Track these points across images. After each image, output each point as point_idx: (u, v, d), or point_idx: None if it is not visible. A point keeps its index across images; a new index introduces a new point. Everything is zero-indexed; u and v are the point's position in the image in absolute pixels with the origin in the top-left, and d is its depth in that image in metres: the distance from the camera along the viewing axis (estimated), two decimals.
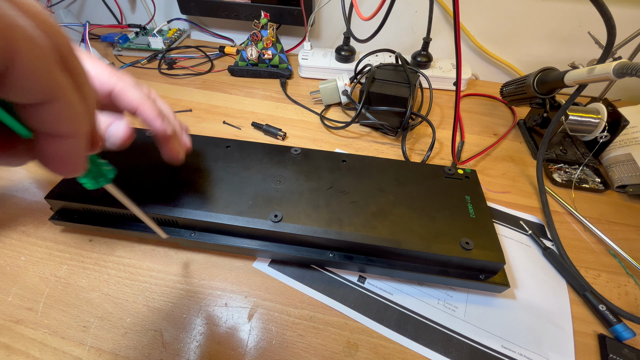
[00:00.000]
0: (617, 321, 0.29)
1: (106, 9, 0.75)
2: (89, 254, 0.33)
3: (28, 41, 0.11)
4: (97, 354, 0.27)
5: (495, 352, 0.28)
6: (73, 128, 0.13)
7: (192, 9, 0.67)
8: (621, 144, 0.44)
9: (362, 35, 0.52)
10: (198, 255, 0.34)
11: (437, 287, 0.32)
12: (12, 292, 0.30)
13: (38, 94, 0.11)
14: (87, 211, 0.33)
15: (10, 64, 0.10)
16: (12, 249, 0.33)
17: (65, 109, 0.12)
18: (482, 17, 0.61)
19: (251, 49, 0.60)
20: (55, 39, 0.12)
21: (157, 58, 0.65)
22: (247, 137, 0.49)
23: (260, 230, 0.31)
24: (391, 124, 0.48)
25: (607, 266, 0.35)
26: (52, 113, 0.12)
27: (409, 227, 0.30)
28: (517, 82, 0.48)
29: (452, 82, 0.60)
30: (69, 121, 0.12)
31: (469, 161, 0.46)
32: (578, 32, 0.57)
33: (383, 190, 0.34)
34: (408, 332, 0.29)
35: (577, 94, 0.38)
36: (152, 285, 0.31)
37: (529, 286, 0.33)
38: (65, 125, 0.12)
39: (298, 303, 0.31)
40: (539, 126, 0.48)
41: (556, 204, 0.41)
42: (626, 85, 0.60)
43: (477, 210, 0.33)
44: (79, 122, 0.13)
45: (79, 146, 0.13)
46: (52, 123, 0.12)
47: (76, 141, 0.13)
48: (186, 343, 0.28)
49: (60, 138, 0.13)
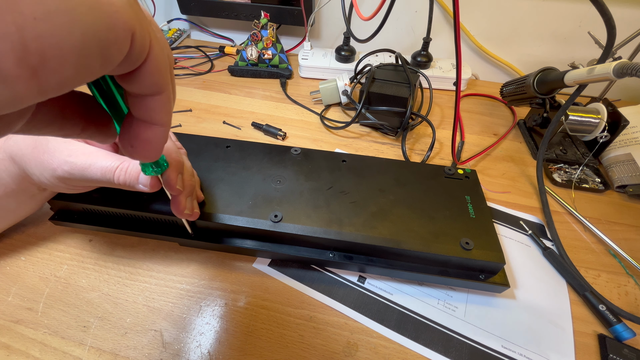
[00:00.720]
0: (617, 321, 0.29)
1: None
2: (89, 254, 0.33)
3: (158, 40, 0.13)
4: (97, 354, 0.27)
5: (495, 352, 0.28)
6: (166, 119, 0.15)
7: (192, 9, 0.67)
8: (621, 144, 0.44)
9: (362, 35, 0.52)
10: (198, 255, 0.34)
11: (437, 287, 0.32)
12: (12, 292, 0.30)
13: (155, 88, 0.13)
14: (87, 211, 0.33)
15: (144, 59, 0.12)
16: (12, 249, 0.33)
17: (167, 102, 0.14)
18: (482, 17, 0.61)
19: (251, 49, 0.60)
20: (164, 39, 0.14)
21: None
22: (247, 137, 0.49)
23: (260, 230, 0.31)
24: (391, 124, 0.48)
25: (607, 266, 0.35)
26: (157, 104, 0.14)
27: (409, 227, 0.30)
28: (517, 82, 0.48)
29: (452, 82, 0.60)
30: (166, 112, 0.15)
31: (469, 161, 0.46)
32: (578, 32, 0.57)
33: (383, 190, 0.34)
34: (408, 332, 0.29)
35: (577, 94, 0.38)
36: (152, 285, 0.31)
37: (529, 286, 0.33)
38: (163, 115, 0.15)
39: (298, 303, 0.31)
40: (539, 126, 0.48)
41: (556, 204, 0.41)
42: (626, 85, 0.60)
43: (477, 210, 0.33)
44: (170, 115, 0.15)
45: (165, 135, 0.15)
46: (154, 112, 0.14)
47: (165, 130, 0.15)
48: (186, 343, 0.28)
49: (154, 125, 0.15)
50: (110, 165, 0.25)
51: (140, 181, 0.25)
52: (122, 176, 0.25)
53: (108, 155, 0.26)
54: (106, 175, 0.25)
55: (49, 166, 0.25)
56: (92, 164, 0.25)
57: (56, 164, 0.25)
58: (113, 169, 0.25)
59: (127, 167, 0.25)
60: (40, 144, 0.26)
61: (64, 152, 0.25)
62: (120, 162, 0.25)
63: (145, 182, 0.25)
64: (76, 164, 0.25)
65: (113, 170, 0.25)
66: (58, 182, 0.26)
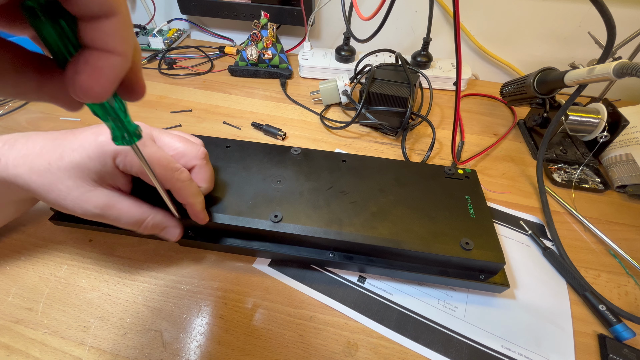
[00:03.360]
0: (617, 321, 0.29)
1: None
2: (89, 254, 0.33)
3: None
4: (97, 354, 0.27)
5: (495, 352, 0.28)
6: (123, 47, 0.13)
7: (192, 9, 0.67)
8: (621, 144, 0.44)
9: (362, 35, 0.52)
10: (198, 255, 0.34)
11: (437, 287, 0.32)
12: (12, 292, 0.30)
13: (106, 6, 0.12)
14: None
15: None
16: (12, 249, 0.33)
17: (121, 26, 0.13)
18: (482, 17, 0.61)
19: (251, 49, 0.60)
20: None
21: (157, 58, 0.65)
22: (247, 137, 0.49)
23: (260, 230, 0.31)
24: (391, 124, 0.48)
25: (607, 266, 0.35)
26: (110, 27, 0.13)
27: (409, 227, 0.30)
28: (517, 82, 0.48)
29: (452, 82, 0.60)
30: (122, 38, 0.13)
31: (469, 161, 0.46)
32: (578, 32, 0.57)
33: (383, 190, 0.34)
34: (408, 332, 0.29)
35: (577, 94, 0.38)
36: (152, 285, 0.31)
37: (529, 286, 0.33)
38: (118, 41, 0.13)
39: (298, 303, 0.31)
40: (539, 126, 0.48)
41: (556, 204, 0.41)
42: (626, 85, 0.60)
43: (477, 210, 0.33)
44: (128, 43, 0.14)
45: (120, 65, 0.14)
46: (107, 37, 0.13)
47: (122, 61, 0.14)
48: (186, 343, 0.28)
49: (108, 53, 0.13)
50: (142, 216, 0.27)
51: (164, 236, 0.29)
52: (146, 231, 0.28)
53: (132, 206, 0.27)
54: (134, 226, 0.27)
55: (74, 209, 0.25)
56: (118, 218, 0.26)
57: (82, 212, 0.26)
58: (142, 221, 0.27)
59: (151, 224, 0.27)
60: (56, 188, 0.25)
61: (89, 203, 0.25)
62: (145, 219, 0.27)
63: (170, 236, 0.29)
64: (106, 216, 0.26)
65: (142, 223, 0.27)
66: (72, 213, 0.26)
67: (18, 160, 0.25)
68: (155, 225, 0.28)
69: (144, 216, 0.27)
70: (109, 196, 0.26)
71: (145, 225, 0.27)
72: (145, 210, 0.27)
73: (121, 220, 0.26)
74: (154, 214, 0.28)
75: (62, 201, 0.25)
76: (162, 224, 0.28)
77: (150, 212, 0.27)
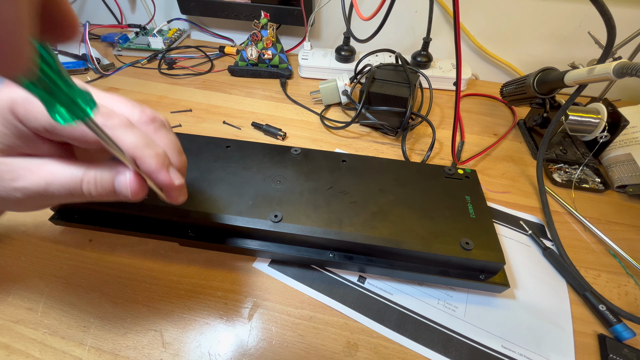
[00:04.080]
0: (617, 321, 0.29)
1: (106, 9, 0.75)
2: (89, 254, 0.33)
3: None
4: (97, 354, 0.27)
5: (495, 352, 0.28)
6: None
7: (192, 9, 0.67)
8: (621, 144, 0.44)
9: (362, 35, 0.52)
10: (198, 255, 0.34)
11: (437, 287, 0.32)
12: (12, 292, 0.30)
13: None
14: (87, 211, 0.33)
15: None
16: (12, 249, 0.33)
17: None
18: (482, 17, 0.61)
19: (251, 49, 0.60)
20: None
21: (157, 58, 0.65)
22: (247, 137, 0.49)
23: (260, 230, 0.31)
24: (391, 124, 0.48)
25: (607, 266, 0.35)
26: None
27: (409, 227, 0.30)
28: (517, 82, 0.48)
29: (452, 82, 0.60)
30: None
31: (469, 161, 0.46)
32: (578, 32, 0.57)
33: (383, 190, 0.34)
34: (408, 332, 0.29)
35: (577, 94, 0.38)
36: (152, 285, 0.31)
37: (529, 286, 0.33)
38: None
39: (298, 303, 0.31)
40: (539, 126, 0.48)
41: (556, 204, 0.41)
42: (626, 85, 0.60)
43: (477, 210, 0.33)
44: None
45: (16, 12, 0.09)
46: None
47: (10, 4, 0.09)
48: (186, 343, 0.28)
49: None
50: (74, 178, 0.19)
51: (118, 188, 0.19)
52: (92, 188, 0.19)
53: (60, 167, 0.19)
54: (73, 192, 0.19)
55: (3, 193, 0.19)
56: (49, 182, 0.19)
57: (3, 194, 0.19)
58: (79, 183, 0.19)
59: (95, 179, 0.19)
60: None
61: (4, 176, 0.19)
62: (84, 172, 0.19)
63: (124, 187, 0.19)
64: (29, 189, 0.19)
65: (79, 185, 0.19)
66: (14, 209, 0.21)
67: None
68: (100, 182, 0.19)
69: (82, 170, 0.19)
70: (22, 163, 0.19)
71: (87, 186, 0.19)
72: (77, 165, 0.19)
73: (50, 188, 0.19)
74: (90, 166, 0.19)
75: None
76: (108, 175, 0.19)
77: (86, 166, 0.19)
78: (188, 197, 0.32)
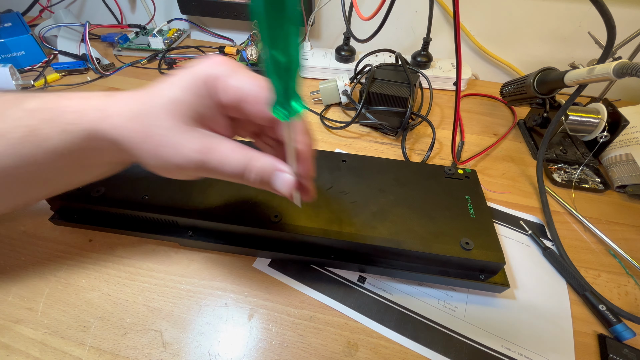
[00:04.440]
0: (617, 321, 0.29)
1: (106, 9, 0.75)
2: (89, 254, 0.33)
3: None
4: (97, 354, 0.27)
5: (495, 352, 0.28)
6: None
7: (192, 9, 0.67)
8: (621, 144, 0.44)
9: (362, 35, 0.52)
10: (198, 255, 0.34)
11: (437, 287, 0.32)
12: (12, 292, 0.30)
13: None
14: (87, 211, 0.33)
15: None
16: (12, 249, 0.33)
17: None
18: (482, 17, 0.61)
19: (251, 49, 0.60)
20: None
21: (157, 58, 0.65)
22: None
23: (260, 231, 0.31)
24: (391, 124, 0.48)
25: (607, 266, 0.35)
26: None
27: (409, 227, 0.30)
28: (517, 82, 0.48)
29: (452, 82, 0.60)
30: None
31: (469, 161, 0.46)
32: (578, 32, 0.57)
33: (383, 190, 0.34)
34: (408, 332, 0.29)
35: (577, 94, 0.38)
36: (152, 285, 0.31)
37: (529, 286, 0.33)
38: None
39: (298, 303, 0.31)
40: (539, 126, 0.48)
41: (556, 204, 0.41)
42: (626, 85, 0.60)
43: (477, 210, 0.33)
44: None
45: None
46: None
47: None
48: (186, 343, 0.28)
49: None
50: (240, 163, 0.22)
51: (275, 185, 0.22)
52: (252, 176, 0.22)
53: (237, 148, 0.22)
54: (235, 174, 0.22)
55: (173, 161, 0.21)
56: (222, 162, 0.21)
57: (182, 161, 0.21)
58: (243, 168, 0.22)
59: (258, 167, 0.22)
60: (153, 133, 0.21)
61: (188, 146, 0.21)
62: (249, 161, 0.22)
63: (281, 184, 0.22)
64: (208, 163, 0.21)
65: (243, 170, 0.22)
66: (176, 174, 0.23)
67: (115, 109, 0.22)
68: (264, 169, 0.22)
69: (249, 156, 0.22)
70: (210, 137, 0.22)
71: (250, 169, 0.22)
72: (250, 150, 0.22)
73: (225, 166, 0.21)
74: (260, 155, 0.22)
75: (161, 148, 0.21)
76: (271, 166, 0.22)
77: (256, 153, 0.22)
78: (188, 197, 0.33)
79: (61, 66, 0.59)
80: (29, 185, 0.24)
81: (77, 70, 0.60)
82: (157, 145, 0.21)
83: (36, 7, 0.75)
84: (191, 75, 0.21)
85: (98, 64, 0.60)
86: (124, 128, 0.21)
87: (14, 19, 0.64)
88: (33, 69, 0.60)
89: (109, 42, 0.69)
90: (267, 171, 0.22)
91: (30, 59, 0.60)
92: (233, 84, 0.21)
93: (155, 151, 0.21)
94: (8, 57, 0.58)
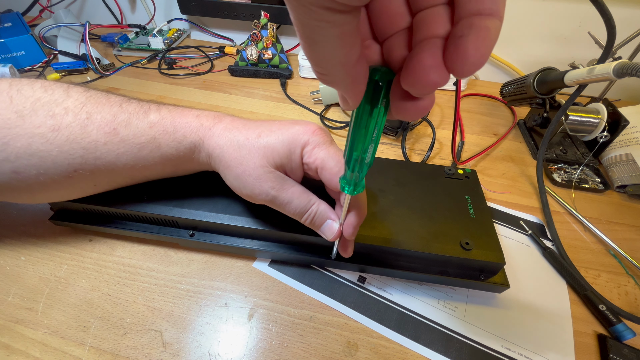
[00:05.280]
0: (617, 321, 0.29)
1: (106, 9, 0.75)
2: (89, 254, 0.33)
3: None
4: (97, 354, 0.27)
5: (495, 352, 0.28)
6: (502, 9, 0.12)
7: (192, 9, 0.67)
8: (621, 144, 0.44)
9: None
10: (198, 255, 0.34)
11: (437, 287, 0.32)
12: (12, 292, 0.30)
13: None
14: (87, 211, 0.33)
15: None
16: (12, 249, 0.33)
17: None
18: None
19: (251, 49, 0.60)
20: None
21: (157, 58, 0.65)
22: None
23: (260, 230, 0.31)
24: (391, 124, 0.48)
25: (607, 266, 0.35)
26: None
27: (409, 228, 0.30)
28: (517, 82, 0.48)
29: (452, 82, 0.60)
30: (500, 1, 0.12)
31: (469, 161, 0.46)
32: (578, 32, 0.57)
33: (383, 190, 0.34)
34: (408, 332, 0.29)
35: (577, 94, 0.38)
36: (152, 285, 0.31)
37: (529, 286, 0.33)
38: (498, 4, 0.12)
39: (298, 303, 0.31)
40: (539, 126, 0.48)
41: (556, 204, 0.41)
42: (626, 85, 0.60)
43: (477, 210, 0.33)
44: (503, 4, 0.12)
45: (500, 28, 0.12)
46: (490, 2, 0.12)
47: (500, 22, 0.12)
48: (186, 343, 0.28)
49: (490, 16, 0.12)
50: (304, 206, 0.27)
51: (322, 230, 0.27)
52: (309, 220, 0.27)
53: (303, 193, 0.27)
54: (297, 213, 0.27)
55: (251, 189, 0.26)
56: (289, 202, 0.26)
57: (259, 191, 0.26)
58: (304, 210, 0.27)
59: (315, 213, 0.27)
60: (246, 163, 0.26)
61: (267, 183, 0.26)
62: (310, 207, 0.27)
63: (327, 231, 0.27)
64: (278, 199, 0.26)
65: (303, 212, 0.27)
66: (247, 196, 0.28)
67: (222, 131, 0.27)
68: (319, 216, 0.27)
69: (311, 203, 0.27)
70: (284, 179, 0.27)
71: (310, 213, 0.27)
72: (312, 197, 0.27)
73: (291, 204, 0.27)
74: (319, 203, 0.27)
75: (246, 177, 0.26)
76: (324, 215, 0.27)
77: (316, 201, 0.27)
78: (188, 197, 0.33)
79: (61, 66, 0.59)
80: (132, 178, 0.30)
81: (77, 70, 0.60)
82: (244, 172, 0.26)
83: (36, 7, 0.76)
84: (290, 134, 0.26)
85: (98, 64, 0.60)
86: (225, 151, 0.27)
87: (14, 19, 0.64)
88: (33, 69, 0.60)
89: (109, 42, 0.69)
90: (321, 217, 0.27)
91: (30, 58, 0.60)
92: (317, 154, 0.26)
93: (242, 176, 0.26)
94: (8, 57, 0.59)
